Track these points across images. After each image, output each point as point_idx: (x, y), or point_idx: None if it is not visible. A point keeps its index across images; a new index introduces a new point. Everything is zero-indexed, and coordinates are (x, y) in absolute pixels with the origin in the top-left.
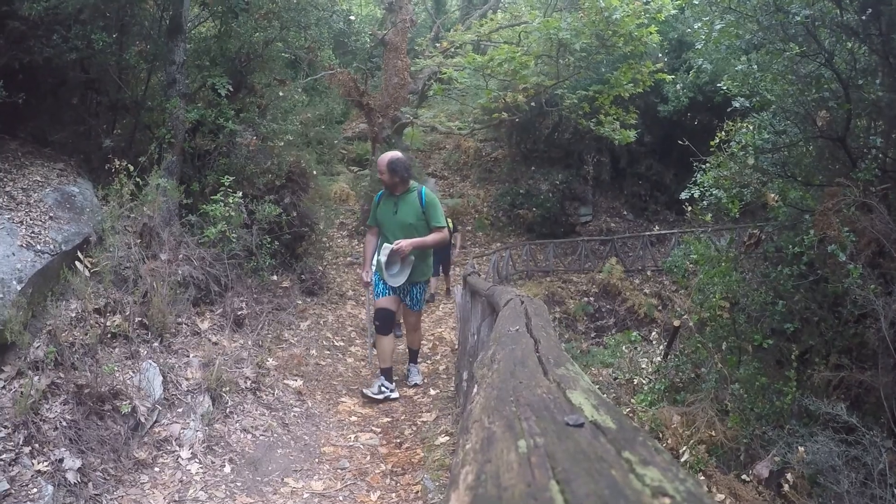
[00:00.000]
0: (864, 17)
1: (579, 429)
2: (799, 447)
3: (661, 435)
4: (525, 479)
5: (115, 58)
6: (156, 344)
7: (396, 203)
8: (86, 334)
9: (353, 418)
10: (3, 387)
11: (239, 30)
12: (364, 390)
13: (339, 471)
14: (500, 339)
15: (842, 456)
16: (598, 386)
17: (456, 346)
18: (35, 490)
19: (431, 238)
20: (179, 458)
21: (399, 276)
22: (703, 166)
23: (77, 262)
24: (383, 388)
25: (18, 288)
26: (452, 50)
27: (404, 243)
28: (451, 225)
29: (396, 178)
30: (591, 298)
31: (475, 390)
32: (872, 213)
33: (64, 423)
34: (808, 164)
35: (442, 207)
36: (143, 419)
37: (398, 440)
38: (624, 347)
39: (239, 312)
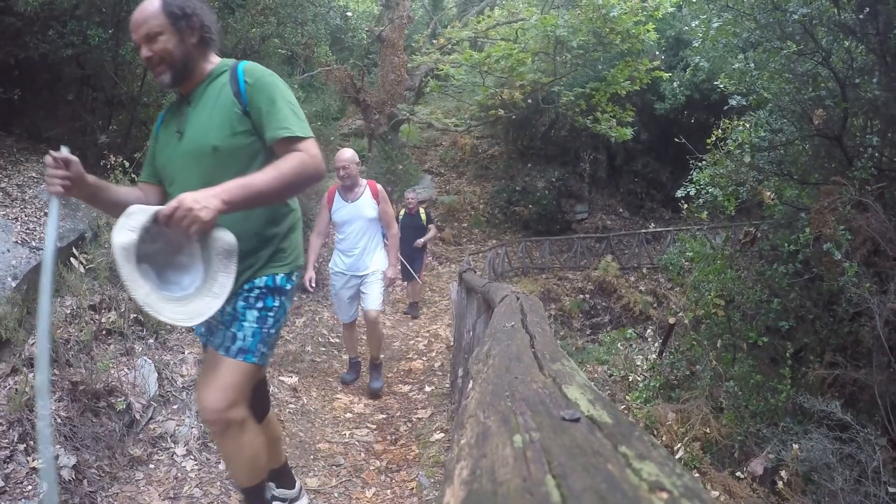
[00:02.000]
0: (861, 16)
1: (575, 423)
2: (793, 445)
3: (655, 432)
4: (521, 473)
5: (111, 53)
6: (151, 340)
7: (185, 113)
8: (81, 331)
9: (349, 415)
10: None
11: (235, 25)
12: None
13: (334, 467)
14: (495, 334)
15: (836, 453)
16: (593, 383)
17: (451, 343)
18: (30, 487)
19: (272, 173)
20: (175, 455)
21: (201, 301)
22: (700, 164)
23: (72, 259)
24: None
25: (13, 284)
26: (449, 46)
27: (200, 198)
28: (423, 216)
29: (193, 39)
30: (587, 296)
31: (470, 386)
32: (868, 212)
33: (59, 421)
34: (804, 162)
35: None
36: (138, 416)
37: (393, 437)
38: (619, 345)
39: None
